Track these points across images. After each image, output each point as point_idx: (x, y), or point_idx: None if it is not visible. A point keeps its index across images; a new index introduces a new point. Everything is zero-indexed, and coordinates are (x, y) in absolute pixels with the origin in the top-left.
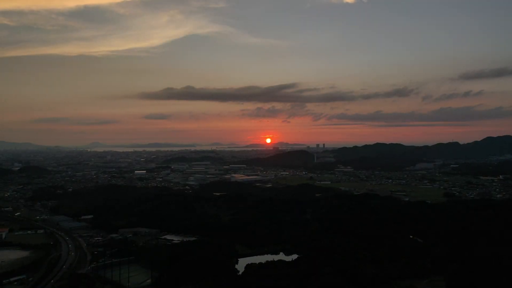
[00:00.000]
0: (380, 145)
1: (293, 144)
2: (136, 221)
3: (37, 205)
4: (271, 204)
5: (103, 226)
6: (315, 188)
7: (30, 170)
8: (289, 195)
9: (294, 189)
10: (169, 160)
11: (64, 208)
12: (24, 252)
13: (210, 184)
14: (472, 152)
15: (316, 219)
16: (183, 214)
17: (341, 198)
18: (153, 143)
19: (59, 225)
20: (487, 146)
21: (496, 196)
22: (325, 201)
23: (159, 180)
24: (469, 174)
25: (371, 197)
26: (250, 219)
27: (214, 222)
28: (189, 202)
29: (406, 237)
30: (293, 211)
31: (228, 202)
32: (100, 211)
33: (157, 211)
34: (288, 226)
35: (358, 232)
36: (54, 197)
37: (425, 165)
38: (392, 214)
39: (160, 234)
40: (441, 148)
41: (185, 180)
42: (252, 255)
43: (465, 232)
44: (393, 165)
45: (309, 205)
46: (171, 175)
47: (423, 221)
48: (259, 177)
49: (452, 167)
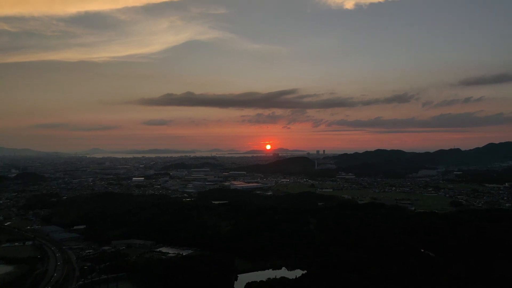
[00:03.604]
0: (381, 151)
1: (293, 150)
2: (130, 232)
3: (30, 214)
4: (272, 213)
5: (96, 237)
6: (317, 196)
7: (26, 177)
8: (290, 203)
9: (295, 197)
10: (168, 167)
11: (56, 217)
12: (8, 267)
13: (209, 191)
14: (474, 158)
15: (320, 230)
16: (180, 224)
17: (346, 208)
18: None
19: (49, 236)
20: (489, 152)
21: (505, 205)
22: (329, 210)
23: (157, 187)
24: (474, 181)
25: (377, 206)
26: (250, 230)
27: (213, 233)
28: (187, 211)
29: (417, 251)
30: (296, 221)
31: (228, 211)
32: (93, 221)
33: (153, 221)
34: (291, 237)
35: (366, 245)
36: (48, 206)
37: (428, 172)
38: (400, 225)
39: (155, 246)
40: (443, 155)
41: (184, 187)
42: (253, 270)
43: (481, 246)
44: (395, 172)
45: (312, 214)
46: (170, 182)
47: (433, 233)
48: (259, 185)
49: (455, 174)
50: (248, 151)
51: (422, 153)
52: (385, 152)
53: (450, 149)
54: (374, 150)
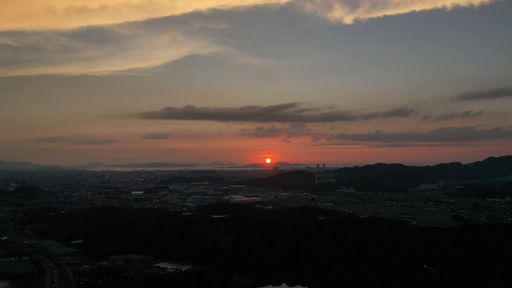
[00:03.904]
0: (381, 165)
1: (293, 164)
2: (129, 246)
3: (27, 228)
4: (272, 228)
5: (93, 252)
6: (318, 211)
7: (25, 190)
8: (291, 218)
9: (295, 211)
10: (167, 180)
11: (54, 232)
12: (3, 282)
13: (209, 205)
14: (474, 172)
15: (321, 245)
16: (179, 238)
17: (347, 222)
18: (153, 163)
19: (46, 250)
20: (489, 166)
21: (507, 219)
22: (329, 225)
23: (156, 201)
24: (475, 195)
25: (378, 220)
26: (250, 245)
27: (212, 248)
28: (186, 225)
29: (419, 267)
30: (296, 235)
31: (227, 225)
32: (91, 235)
33: (151, 236)
34: (291, 252)
35: (368, 260)
36: (46, 220)
37: (429, 186)
38: (402, 239)
39: (153, 261)
40: (443, 169)
41: (183, 201)
42: (252, 286)
43: (484, 261)
44: (396, 185)
45: (313, 229)
46: (169, 196)
47: (435, 248)
48: (259, 198)
49: (456, 188)
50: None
51: (423, 167)
52: (385, 166)
53: (451, 163)
54: (375, 164)
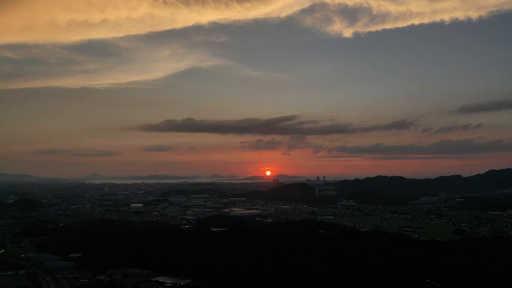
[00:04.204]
0: (382, 178)
1: (293, 176)
2: (127, 260)
3: (25, 241)
4: (272, 241)
5: (91, 266)
6: (318, 224)
7: (23, 203)
8: (291, 231)
9: (296, 224)
10: (167, 193)
11: (52, 245)
12: None
13: (209, 218)
14: (475, 185)
15: (322, 259)
16: (178, 252)
17: (348, 236)
18: (153, 175)
19: (44, 264)
20: (490, 179)
21: (510, 233)
22: (331, 238)
23: (155, 214)
24: (476, 208)
25: (379, 234)
26: (249, 259)
27: (211, 262)
28: (185, 238)
29: (423, 281)
30: (297, 249)
31: (227, 239)
32: (89, 248)
33: (150, 249)
34: (292, 266)
35: (370, 275)
36: (44, 233)
37: (430, 198)
38: (404, 253)
39: (152, 275)
40: (444, 181)
41: (183, 214)
42: None
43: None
44: (397, 198)
45: (314, 242)
46: (169, 209)
47: (438, 263)
48: (259, 211)
49: (457, 201)
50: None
51: (423, 179)
52: (386, 179)
53: (451, 176)
54: (375, 177)
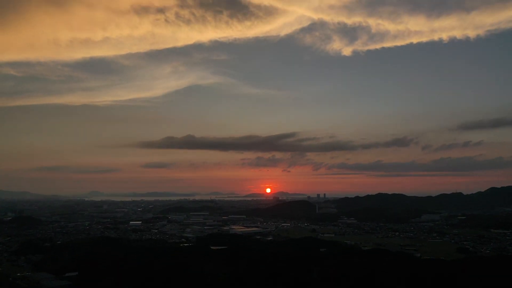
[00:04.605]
0: (382, 195)
1: (293, 194)
2: (124, 279)
3: (21, 260)
4: (273, 260)
5: (88, 285)
6: (319, 242)
7: (21, 220)
8: (292, 249)
9: (297, 242)
10: (166, 210)
11: (48, 264)
12: None
13: (208, 236)
14: (476, 203)
15: (324, 279)
16: (177, 271)
17: (350, 254)
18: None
19: (40, 283)
20: (491, 197)
21: None
22: (332, 257)
23: (154, 231)
24: (478, 226)
25: (382, 253)
26: (249, 278)
27: (211, 282)
28: (183, 257)
29: None
30: (298, 268)
31: (226, 257)
32: (86, 267)
33: (148, 268)
34: (293, 287)
35: None
36: (41, 251)
37: (431, 216)
38: (407, 273)
39: None
40: (445, 199)
41: (182, 231)
42: None
43: None
44: (398, 216)
45: (315, 261)
46: (168, 226)
47: (442, 282)
48: (259, 229)
49: (459, 219)
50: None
51: (424, 197)
52: (386, 196)
53: (452, 193)
54: (376, 194)
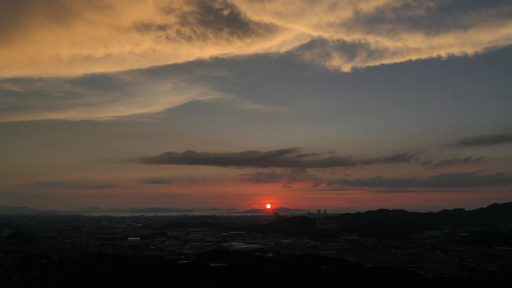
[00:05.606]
0: (383, 211)
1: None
2: None
3: (16, 277)
4: (273, 277)
5: None
6: (320, 259)
7: (18, 236)
8: (293, 266)
9: (297, 259)
10: (166, 226)
11: (44, 281)
12: None
13: (207, 253)
14: (478, 219)
15: None
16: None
17: (352, 272)
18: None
19: None
20: (493, 213)
21: None
22: (334, 275)
23: (153, 248)
24: (482, 243)
25: (385, 270)
26: None
27: None
28: (182, 275)
29: None
30: (299, 286)
31: (226, 275)
32: (82, 285)
33: (146, 286)
34: None
35: None
36: (37, 267)
37: (434, 233)
38: None
39: None
40: (447, 215)
41: (181, 248)
42: None
43: None
44: (400, 232)
45: (316, 279)
46: (167, 243)
47: None
48: (259, 246)
49: (462, 236)
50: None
51: (426, 213)
52: (387, 212)
53: (454, 209)
54: (377, 210)
